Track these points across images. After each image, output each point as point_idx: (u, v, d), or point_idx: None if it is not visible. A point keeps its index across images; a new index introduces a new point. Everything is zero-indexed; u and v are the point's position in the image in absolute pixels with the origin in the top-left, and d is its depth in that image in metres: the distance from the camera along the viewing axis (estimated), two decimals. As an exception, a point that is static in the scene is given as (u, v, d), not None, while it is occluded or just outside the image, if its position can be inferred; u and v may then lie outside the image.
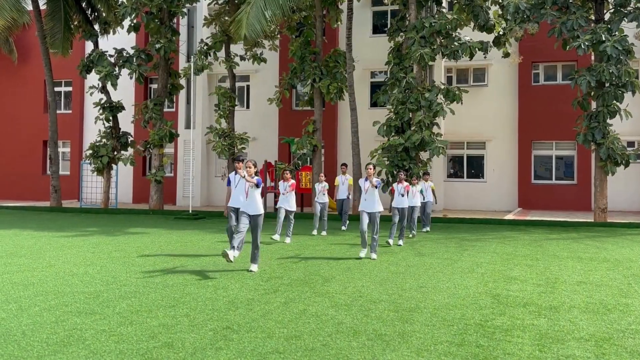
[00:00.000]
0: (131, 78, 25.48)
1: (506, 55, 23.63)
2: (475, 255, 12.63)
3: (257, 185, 10.08)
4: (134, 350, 5.99)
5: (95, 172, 25.00)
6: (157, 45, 23.74)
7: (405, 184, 14.44)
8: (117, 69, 24.39)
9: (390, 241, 14.09)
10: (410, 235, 16.15)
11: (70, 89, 32.11)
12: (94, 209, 24.89)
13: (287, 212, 14.72)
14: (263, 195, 14.74)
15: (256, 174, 10.19)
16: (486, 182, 27.05)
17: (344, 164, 18.47)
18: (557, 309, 7.83)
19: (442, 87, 22.27)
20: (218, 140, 24.26)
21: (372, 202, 12.04)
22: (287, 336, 6.52)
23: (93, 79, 29.55)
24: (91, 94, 24.80)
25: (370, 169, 12.13)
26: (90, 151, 24.91)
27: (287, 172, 14.60)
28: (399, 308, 7.80)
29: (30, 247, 13.43)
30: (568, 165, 26.47)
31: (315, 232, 16.60)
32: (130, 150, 26.95)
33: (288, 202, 14.63)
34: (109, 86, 25.97)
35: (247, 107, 29.52)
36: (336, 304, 8.07)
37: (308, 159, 24.09)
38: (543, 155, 26.61)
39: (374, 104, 27.02)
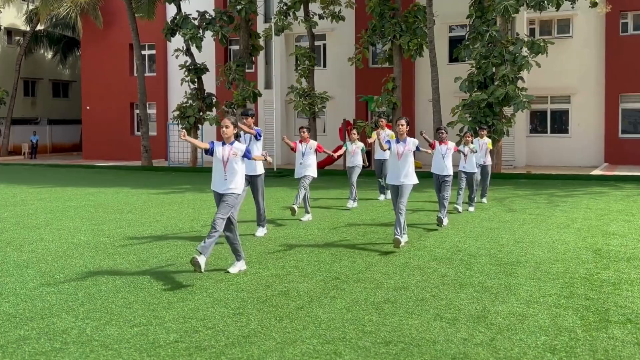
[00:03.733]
0: (214, 40, 25.98)
1: (593, 4, 22.62)
2: (568, 211, 12.51)
3: (244, 155, 7.51)
4: (254, 298, 6.41)
5: (183, 133, 25.87)
6: (238, 7, 24.07)
7: (452, 143, 11.41)
8: (200, 31, 24.94)
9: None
10: (456, 211, 12.41)
11: (153, 52, 33.05)
12: (183, 167, 25.90)
13: (303, 179, 11.60)
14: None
15: (236, 137, 7.71)
16: (571, 137, 26.31)
17: (382, 116, 15.34)
18: (664, 263, 7.77)
19: (527, 39, 21.65)
20: (299, 100, 24.57)
21: (402, 171, 8.97)
22: (395, 287, 6.80)
23: (175, 42, 30.29)
24: (177, 56, 25.52)
25: (403, 125, 9.11)
26: (178, 112, 25.78)
27: (305, 130, 11.78)
28: (500, 262, 7.94)
29: (134, 204, 14.23)
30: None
31: (350, 203, 13.48)
32: (214, 111, 27.71)
33: (309, 167, 11.68)
34: (192, 49, 26.61)
35: (324, 66, 29.61)
36: (436, 257, 8.29)
37: (388, 116, 24.06)
38: (631, 108, 25.57)
39: (452, 59, 26.56)
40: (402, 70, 25.91)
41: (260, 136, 9.77)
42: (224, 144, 7.53)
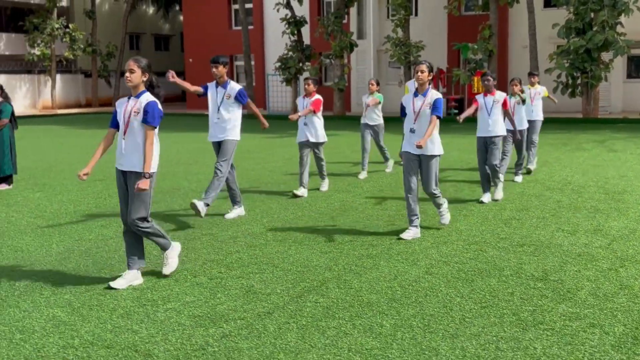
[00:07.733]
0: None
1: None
2: (669, 152, 13.16)
3: (145, 116, 5.07)
4: (401, 214, 7.73)
5: (284, 83, 27.41)
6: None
7: (502, 94, 8.53)
8: (300, -17, 26.12)
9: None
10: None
11: (250, 5, 34.45)
12: (284, 115, 27.50)
13: (313, 147, 9.24)
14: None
15: (150, 87, 5.25)
16: (670, 82, 26.02)
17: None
18: None
19: (628, -16, 21.52)
20: (395, 49, 25.42)
21: (420, 136, 6.55)
22: (517, 209, 7.97)
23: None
24: (277, 10, 26.78)
25: (423, 71, 6.58)
26: (279, 63, 27.25)
27: (310, 82, 9.17)
28: (607, 191, 8.93)
29: (258, 145, 15.90)
30: None
31: (362, 174, 10.79)
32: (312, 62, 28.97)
33: (313, 129, 9.14)
34: (292, 2, 27.80)
35: (416, 14, 30.13)
36: (549, 187, 9.36)
37: (481, 65, 24.58)
38: None
39: (547, 5, 26.56)
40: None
41: (245, 97, 7.48)
42: (129, 98, 5.24)
